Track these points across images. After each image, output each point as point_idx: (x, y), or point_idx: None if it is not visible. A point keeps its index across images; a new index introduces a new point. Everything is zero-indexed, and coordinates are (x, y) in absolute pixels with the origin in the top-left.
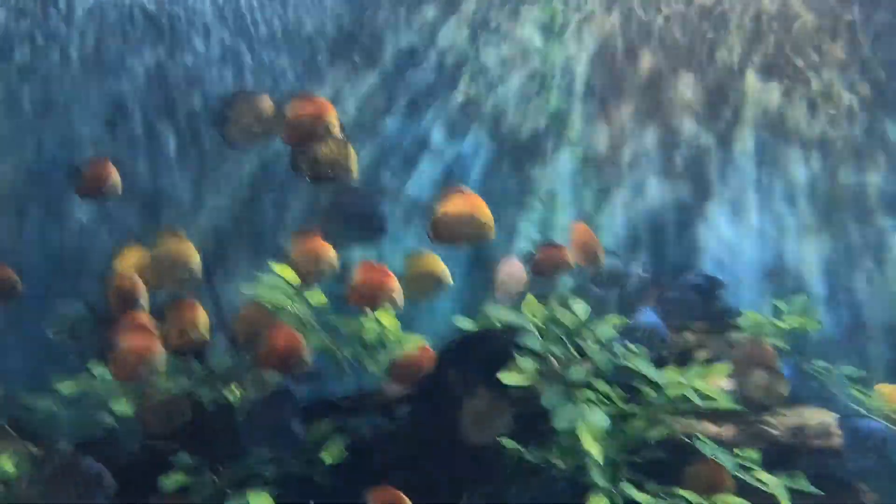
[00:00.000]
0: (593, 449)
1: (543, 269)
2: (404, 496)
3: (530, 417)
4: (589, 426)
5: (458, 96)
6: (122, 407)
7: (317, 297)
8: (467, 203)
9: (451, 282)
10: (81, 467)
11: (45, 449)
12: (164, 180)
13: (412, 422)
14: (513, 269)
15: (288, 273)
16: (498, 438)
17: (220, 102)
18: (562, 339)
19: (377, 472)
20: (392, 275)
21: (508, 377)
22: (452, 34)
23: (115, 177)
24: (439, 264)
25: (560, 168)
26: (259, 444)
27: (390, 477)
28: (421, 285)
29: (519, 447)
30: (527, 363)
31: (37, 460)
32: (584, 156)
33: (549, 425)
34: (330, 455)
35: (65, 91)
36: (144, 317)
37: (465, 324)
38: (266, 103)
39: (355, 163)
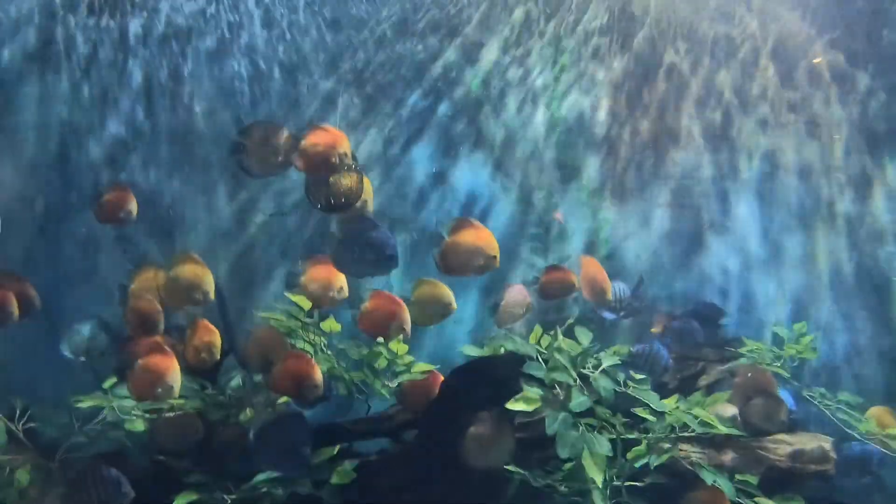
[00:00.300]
0: (597, 477)
1: (549, 292)
2: None
3: (534, 443)
4: (593, 454)
5: (467, 129)
6: (135, 425)
7: (330, 323)
8: (476, 235)
9: (456, 308)
10: (102, 473)
11: (65, 456)
12: (179, 204)
13: (418, 445)
14: (516, 294)
15: (302, 300)
16: (502, 464)
17: (238, 132)
18: (566, 367)
19: (384, 495)
20: (403, 304)
21: (515, 404)
22: (466, 69)
23: (133, 205)
24: (446, 291)
25: (567, 198)
26: (269, 465)
27: (397, 499)
28: (428, 311)
29: (523, 472)
30: (533, 391)
31: (52, 473)
32: (592, 187)
33: (552, 451)
34: (338, 476)
35: (83, 114)
36: (161, 337)
37: (472, 351)
38: (283, 133)
39: (371, 194)
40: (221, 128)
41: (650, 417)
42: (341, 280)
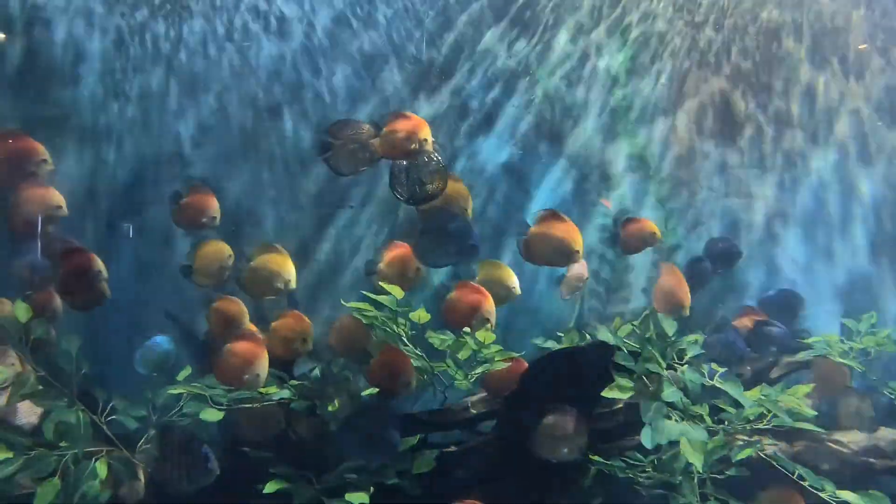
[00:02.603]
0: (697, 462)
1: (628, 244)
2: None
3: (612, 433)
4: (691, 441)
5: (536, 120)
6: (211, 415)
7: (420, 313)
8: (562, 228)
9: (520, 292)
10: (193, 447)
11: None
12: (252, 198)
13: (496, 437)
14: (577, 269)
15: (395, 289)
16: (578, 456)
17: (324, 131)
18: (658, 358)
19: (461, 486)
20: (488, 294)
21: (610, 393)
22: (534, 58)
23: (215, 209)
24: (511, 274)
25: (634, 189)
26: (356, 453)
27: (475, 489)
28: (492, 293)
29: (606, 462)
30: (626, 381)
31: (132, 465)
32: (657, 177)
33: (628, 441)
34: (420, 466)
35: (160, 110)
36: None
37: (547, 343)
38: (368, 130)
39: (469, 201)
40: (287, 122)
41: (729, 409)
42: (416, 263)
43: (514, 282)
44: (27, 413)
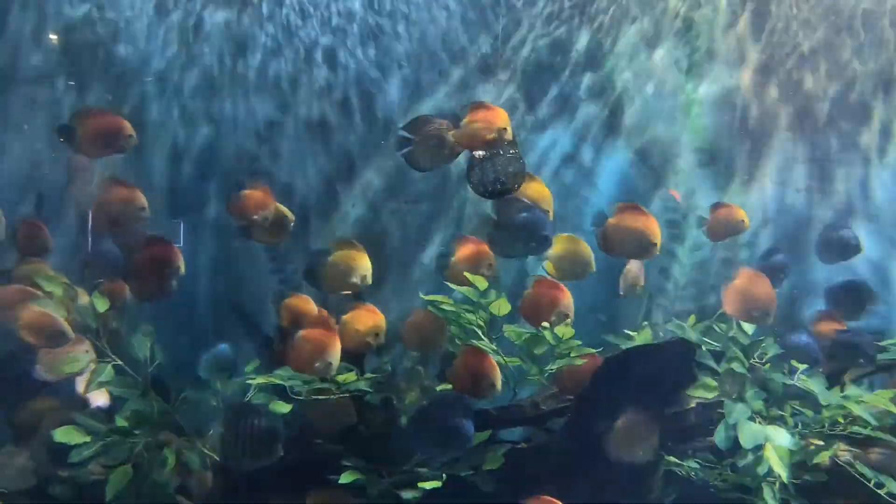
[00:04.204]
0: (782, 471)
1: (717, 232)
2: None
3: (685, 434)
4: (775, 447)
5: (603, 113)
6: (280, 406)
7: (500, 304)
8: (641, 220)
9: (594, 269)
10: (261, 426)
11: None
12: (318, 192)
13: (568, 434)
14: (633, 266)
15: (479, 280)
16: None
17: (403, 127)
18: (741, 358)
19: (531, 483)
20: (566, 290)
21: (696, 392)
22: (602, 53)
23: (271, 206)
24: (587, 250)
25: (701, 183)
26: (428, 446)
27: (543, 489)
28: (566, 267)
29: (681, 463)
30: (711, 380)
31: (200, 453)
32: (729, 171)
33: (700, 442)
34: (491, 462)
35: (225, 105)
36: (324, 312)
37: (615, 339)
38: (447, 125)
39: (551, 203)
40: (353, 116)
41: (807, 411)
42: (490, 257)
43: (590, 257)
44: (97, 396)
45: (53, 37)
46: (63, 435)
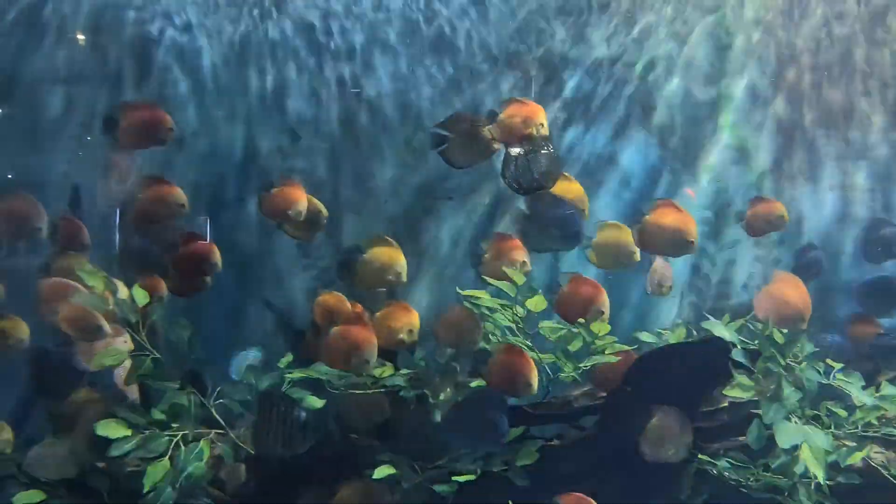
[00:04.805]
0: (819, 471)
1: (755, 227)
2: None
3: (717, 434)
4: (812, 448)
5: (633, 109)
6: (314, 401)
7: (536, 300)
8: (678, 218)
9: (640, 259)
10: (293, 414)
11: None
12: (349, 190)
13: (601, 431)
14: (659, 265)
15: (517, 275)
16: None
17: (439, 125)
18: (778, 356)
19: (563, 480)
20: (601, 288)
21: (731, 392)
22: (630, 48)
23: (303, 203)
24: (631, 238)
25: (735, 180)
26: (462, 441)
27: (575, 486)
28: (609, 255)
29: (714, 462)
30: (747, 379)
31: (235, 447)
32: (762, 169)
33: (734, 441)
34: (524, 458)
35: (253, 104)
36: (359, 307)
37: (648, 337)
38: (484, 122)
39: (586, 203)
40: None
41: (840, 412)
42: (524, 254)
43: (635, 247)
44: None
45: (81, 36)
46: (104, 428)
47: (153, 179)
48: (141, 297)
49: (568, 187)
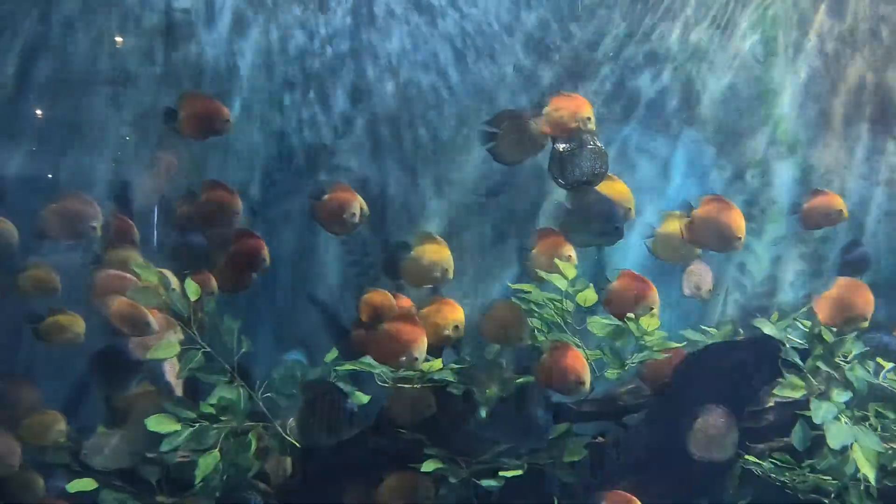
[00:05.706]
0: (870, 472)
1: (811, 220)
2: (638, 501)
3: (763, 434)
4: (863, 448)
5: (678, 105)
6: (359, 397)
7: (587, 294)
8: (727, 214)
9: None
10: (340, 402)
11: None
12: (399, 186)
13: (646, 429)
14: (696, 267)
15: (568, 268)
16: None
17: (488, 122)
18: (829, 356)
19: (611, 476)
20: (651, 284)
21: (782, 391)
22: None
23: (357, 207)
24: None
25: (780, 176)
26: (507, 436)
27: (624, 481)
28: (674, 247)
29: (760, 462)
30: (797, 379)
31: (282, 440)
32: (805, 164)
33: (779, 441)
34: (571, 454)
35: (299, 102)
36: (408, 302)
37: (693, 335)
38: (532, 118)
39: (632, 202)
40: (425, 111)
41: (889, 413)
42: (569, 248)
43: None
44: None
45: (119, 39)
46: (155, 423)
47: (215, 183)
48: (193, 291)
49: (612, 186)
